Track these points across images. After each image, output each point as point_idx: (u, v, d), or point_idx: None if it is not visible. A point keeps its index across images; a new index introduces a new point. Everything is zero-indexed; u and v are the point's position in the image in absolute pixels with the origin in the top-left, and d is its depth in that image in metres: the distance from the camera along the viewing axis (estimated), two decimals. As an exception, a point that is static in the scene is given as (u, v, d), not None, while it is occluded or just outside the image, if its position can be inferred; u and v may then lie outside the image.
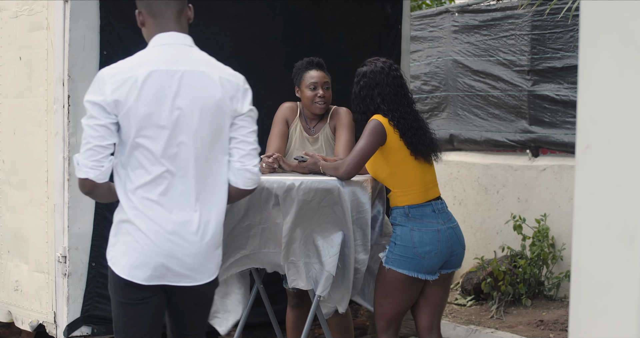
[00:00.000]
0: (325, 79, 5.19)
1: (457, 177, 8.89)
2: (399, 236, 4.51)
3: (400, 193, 4.55)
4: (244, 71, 5.97)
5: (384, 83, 4.62)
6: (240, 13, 6.02)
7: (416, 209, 4.53)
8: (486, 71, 8.62)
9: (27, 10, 5.71)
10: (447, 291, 4.76)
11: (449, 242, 4.55)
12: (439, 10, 9.39)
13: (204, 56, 3.67)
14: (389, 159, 4.53)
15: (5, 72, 5.93)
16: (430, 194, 4.61)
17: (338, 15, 6.45)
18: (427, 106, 9.41)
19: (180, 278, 3.54)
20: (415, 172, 4.56)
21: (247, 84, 3.73)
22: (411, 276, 4.50)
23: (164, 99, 3.47)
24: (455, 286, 8.42)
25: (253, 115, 3.66)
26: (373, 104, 4.61)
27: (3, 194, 5.96)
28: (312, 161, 4.69)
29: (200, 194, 3.53)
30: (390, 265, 4.51)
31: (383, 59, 4.78)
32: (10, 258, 5.91)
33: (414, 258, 4.47)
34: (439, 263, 4.55)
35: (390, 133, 4.50)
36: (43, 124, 5.55)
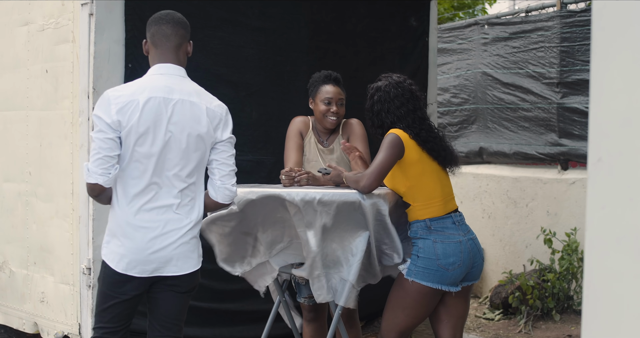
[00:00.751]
0: (341, 96, 5.16)
1: (487, 190, 8.84)
2: (422, 249, 4.48)
3: (420, 206, 4.54)
4: (269, 83, 6.05)
5: (400, 96, 4.62)
6: (265, 26, 6.04)
7: (437, 222, 4.51)
8: (515, 83, 8.58)
9: (53, 24, 5.76)
10: (468, 303, 4.72)
11: (470, 253, 4.53)
12: (468, 23, 9.36)
13: (194, 86, 4.10)
14: (408, 173, 4.51)
15: (32, 85, 5.98)
16: (449, 206, 4.60)
17: (360, 28, 6.45)
18: (457, 119, 9.38)
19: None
20: (435, 185, 4.55)
21: (229, 114, 4.17)
22: (435, 289, 4.47)
23: (160, 123, 3.93)
24: (484, 300, 8.36)
25: (232, 141, 4.16)
26: (389, 117, 4.59)
27: (30, 207, 6.00)
28: (336, 173, 4.68)
29: (181, 204, 4.02)
30: (414, 278, 4.48)
31: (397, 74, 4.77)
32: (36, 270, 5.94)
33: (437, 270, 4.45)
34: (462, 274, 4.52)
35: (408, 146, 4.49)
36: (69, 137, 5.58)
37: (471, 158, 9.24)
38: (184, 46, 4.11)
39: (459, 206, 9.05)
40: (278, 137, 5.54)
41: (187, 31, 4.12)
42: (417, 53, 6.84)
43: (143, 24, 5.49)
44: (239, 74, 5.95)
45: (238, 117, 5.93)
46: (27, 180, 6.02)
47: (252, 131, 6.03)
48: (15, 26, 6.20)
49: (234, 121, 5.87)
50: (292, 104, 6.04)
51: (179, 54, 4.09)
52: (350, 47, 6.45)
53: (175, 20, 4.10)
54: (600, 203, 2.32)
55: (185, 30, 4.11)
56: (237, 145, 5.86)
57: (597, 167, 2.32)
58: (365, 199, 4.42)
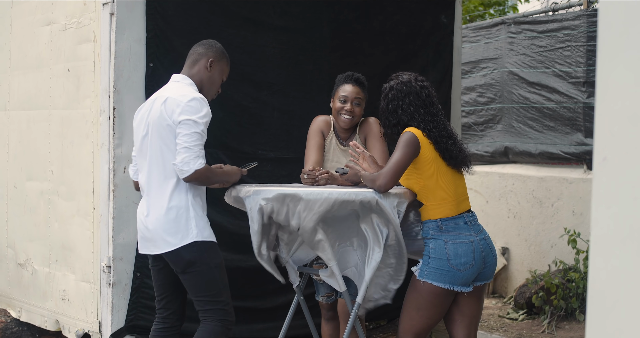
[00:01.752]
0: (358, 96, 5.11)
1: (512, 190, 8.79)
2: (433, 250, 4.47)
3: (433, 206, 4.52)
4: (291, 82, 6.05)
5: (413, 93, 4.59)
6: (287, 25, 6.03)
7: (449, 222, 4.49)
8: (541, 82, 8.53)
9: (75, 23, 5.79)
10: (481, 303, 4.69)
11: (482, 253, 4.50)
12: (495, 22, 9.31)
13: (179, 86, 4.62)
14: (422, 172, 4.49)
15: (54, 85, 6.01)
16: (462, 207, 4.57)
17: (389, 25, 6.42)
18: (482, 118, 9.34)
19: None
20: (449, 184, 4.53)
21: (194, 102, 4.45)
22: (446, 289, 4.45)
23: (142, 119, 4.65)
24: (508, 300, 8.31)
25: (190, 123, 4.42)
26: (405, 114, 4.57)
27: (52, 205, 6.03)
28: (353, 173, 4.67)
29: (151, 189, 4.57)
30: (425, 278, 4.46)
31: (407, 72, 4.75)
32: (58, 268, 5.98)
33: (449, 270, 4.43)
34: (474, 274, 4.50)
35: (424, 145, 4.47)
36: (90, 136, 5.61)
37: (497, 157, 9.20)
38: (200, 62, 4.70)
39: (485, 206, 9.02)
40: (300, 136, 5.53)
41: (206, 49, 4.70)
42: (442, 51, 6.81)
43: (165, 24, 5.54)
44: (261, 73, 5.94)
45: (260, 117, 5.96)
46: (50, 179, 6.05)
47: (273, 129, 6.03)
48: (38, 26, 6.24)
49: (256, 119, 5.92)
50: (315, 103, 6.03)
51: (192, 67, 4.71)
52: (379, 46, 6.42)
53: (200, 43, 4.75)
54: (605, 202, 2.30)
55: (205, 49, 4.71)
56: (259, 144, 5.93)
57: (602, 166, 2.30)
58: (382, 198, 4.41)
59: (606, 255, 2.31)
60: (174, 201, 4.48)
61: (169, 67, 5.54)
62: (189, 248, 4.45)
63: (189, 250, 4.45)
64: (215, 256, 4.52)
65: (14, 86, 6.55)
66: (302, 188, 4.52)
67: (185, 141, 4.41)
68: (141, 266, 5.43)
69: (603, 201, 2.32)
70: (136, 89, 5.46)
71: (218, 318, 4.52)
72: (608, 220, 2.30)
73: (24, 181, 6.38)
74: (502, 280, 8.75)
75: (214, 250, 4.52)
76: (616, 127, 2.29)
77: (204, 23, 5.65)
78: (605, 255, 2.31)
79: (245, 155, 5.73)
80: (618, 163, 2.27)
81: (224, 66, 4.73)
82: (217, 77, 4.72)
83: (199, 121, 4.42)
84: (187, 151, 4.40)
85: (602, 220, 2.32)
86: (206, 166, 4.41)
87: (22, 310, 6.40)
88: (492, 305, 8.31)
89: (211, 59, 4.68)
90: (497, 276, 8.70)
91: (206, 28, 5.60)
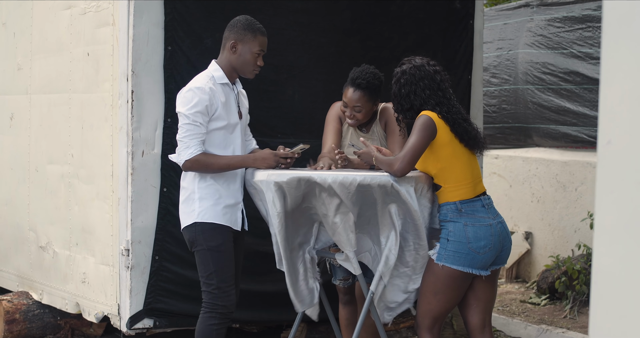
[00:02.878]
0: (357, 103, 4.99)
1: (536, 174, 8.73)
2: (452, 232, 4.45)
3: (451, 188, 4.50)
4: (313, 65, 6.02)
5: (427, 77, 4.57)
6: (307, 7, 6.00)
7: (467, 205, 4.48)
8: (559, 63, 8.43)
9: (94, 7, 5.80)
10: (495, 287, 4.69)
11: (500, 237, 4.50)
12: (519, 4, 9.23)
13: (199, 75, 4.80)
14: (439, 154, 4.48)
15: (74, 68, 6.03)
16: (478, 189, 4.58)
17: (406, 9, 6.38)
18: (495, 99, 9.24)
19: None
20: (465, 166, 4.53)
21: (184, 93, 4.69)
22: (465, 272, 4.44)
23: None
24: (531, 284, 8.27)
25: (180, 116, 4.67)
26: (418, 99, 4.55)
27: (72, 188, 6.06)
28: (367, 151, 4.63)
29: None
30: (444, 262, 4.45)
31: (420, 56, 4.71)
32: (78, 251, 6.01)
33: (468, 253, 4.41)
34: (492, 258, 4.49)
35: (440, 127, 4.45)
36: (109, 119, 5.63)
37: (520, 140, 9.13)
38: (226, 45, 4.79)
39: (509, 190, 8.97)
40: (322, 119, 5.49)
41: (229, 32, 4.80)
42: (458, 36, 6.75)
43: (182, 7, 5.53)
44: (279, 56, 5.91)
45: (279, 100, 5.94)
46: (70, 162, 6.08)
47: (294, 113, 6.01)
48: (59, 10, 6.25)
49: (276, 103, 5.91)
50: (338, 86, 5.96)
51: (222, 53, 4.83)
52: (397, 29, 6.38)
53: (227, 26, 4.87)
54: (609, 186, 2.27)
55: (228, 32, 4.81)
56: (279, 128, 5.91)
57: (606, 149, 2.27)
58: (398, 182, 4.39)
59: (609, 240, 2.29)
60: (184, 183, 4.79)
61: (187, 51, 5.55)
62: (190, 228, 4.71)
63: (190, 229, 4.72)
64: (212, 239, 4.67)
65: (35, 70, 6.58)
66: (317, 172, 4.51)
67: (178, 133, 4.69)
68: (159, 250, 5.45)
69: (607, 186, 2.29)
70: (154, 72, 5.46)
71: (206, 301, 4.69)
72: (611, 205, 2.27)
73: (45, 164, 6.42)
74: (525, 265, 8.70)
75: (212, 233, 4.67)
76: (621, 110, 2.25)
77: (222, 6, 5.63)
78: (609, 240, 2.29)
79: (264, 140, 5.72)
80: (622, 146, 2.24)
81: (250, 41, 4.76)
82: (247, 55, 4.77)
83: (186, 113, 4.61)
84: (179, 143, 4.68)
85: (605, 204, 2.29)
86: (197, 156, 4.60)
87: (43, 292, 6.44)
88: (514, 290, 8.27)
89: (232, 41, 4.76)
90: (520, 261, 8.66)
91: (223, 11, 5.58)
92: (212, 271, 4.66)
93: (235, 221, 4.77)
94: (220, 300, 4.65)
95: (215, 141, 4.71)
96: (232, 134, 4.77)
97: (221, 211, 4.69)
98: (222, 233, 4.68)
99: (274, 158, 4.70)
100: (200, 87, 4.65)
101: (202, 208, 4.67)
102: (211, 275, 4.67)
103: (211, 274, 4.67)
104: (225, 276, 4.67)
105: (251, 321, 6.04)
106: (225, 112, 4.71)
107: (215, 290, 4.66)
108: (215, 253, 4.66)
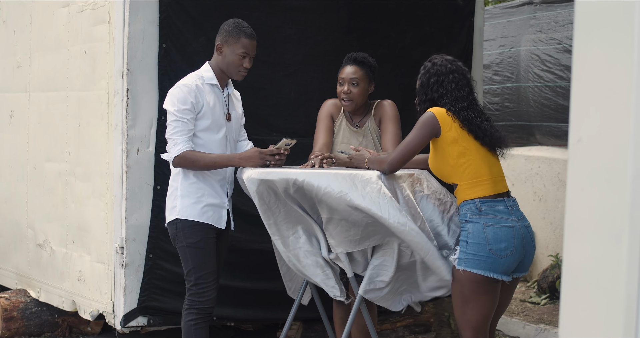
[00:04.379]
0: (354, 75, 5.03)
1: (538, 173, 8.69)
2: (471, 234, 4.20)
3: (468, 185, 4.27)
4: (309, 63, 6.00)
5: (459, 71, 4.44)
6: (304, 5, 5.98)
7: (488, 204, 4.23)
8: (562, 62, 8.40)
9: (91, 5, 5.80)
10: (512, 295, 4.48)
11: (523, 241, 4.22)
12: (523, 2, 9.20)
13: (191, 73, 4.87)
14: (449, 151, 4.30)
15: (72, 66, 6.03)
16: (500, 187, 4.31)
17: (404, 8, 6.35)
18: (497, 97, 9.20)
19: None
20: (481, 161, 4.29)
21: (174, 91, 4.74)
22: (487, 277, 4.16)
23: None
24: (532, 284, 8.24)
25: (168, 114, 4.72)
26: (441, 90, 4.38)
27: (69, 186, 6.07)
28: (359, 154, 4.60)
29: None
30: (464, 266, 4.19)
31: (448, 56, 4.64)
32: (74, 249, 6.01)
33: (489, 256, 4.15)
34: (515, 262, 4.22)
35: (446, 124, 4.28)
36: (105, 117, 5.63)
37: (523, 138, 9.10)
38: (216, 48, 4.86)
39: (511, 189, 8.89)
40: (318, 117, 5.50)
41: (217, 35, 4.85)
42: (463, 33, 6.73)
43: (178, 5, 5.52)
44: (275, 54, 5.90)
45: (275, 98, 5.93)
46: (67, 160, 6.08)
47: (290, 111, 6.00)
48: (57, 8, 6.26)
49: (272, 101, 5.90)
50: (334, 84, 5.94)
51: (214, 54, 4.89)
52: (395, 27, 6.35)
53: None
54: (579, 184, 2.26)
55: (217, 35, 4.86)
56: (275, 126, 5.89)
57: (577, 147, 2.26)
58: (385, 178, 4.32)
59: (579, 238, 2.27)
60: (170, 180, 4.87)
61: (182, 48, 5.55)
62: (172, 225, 4.80)
63: (172, 226, 4.80)
64: (191, 236, 4.73)
65: (34, 67, 6.59)
66: (304, 170, 4.49)
67: (167, 131, 4.75)
68: (154, 248, 5.45)
69: (577, 184, 2.28)
70: (149, 70, 5.46)
71: (187, 297, 4.75)
72: (581, 203, 2.26)
73: (43, 162, 6.42)
74: (526, 264, 8.67)
75: (192, 230, 4.73)
76: (591, 108, 2.24)
77: (218, 3, 5.63)
78: (579, 238, 2.28)
79: (260, 138, 5.70)
80: (592, 144, 2.23)
81: (233, 43, 4.80)
82: (231, 57, 4.80)
83: (171, 110, 4.69)
84: (168, 140, 4.74)
85: (576, 202, 2.28)
86: (184, 152, 4.65)
87: (41, 290, 6.45)
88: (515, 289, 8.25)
89: (218, 43, 4.84)
90: (522, 260, 8.63)
91: (219, 8, 5.58)
92: (190, 268, 4.72)
93: (219, 220, 4.80)
94: (198, 296, 4.69)
95: (199, 140, 4.75)
96: (216, 134, 4.79)
97: (202, 210, 4.74)
98: (202, 230, 4.73)
99: (259, 156, 4.69)
100: (187, 84, 4.71)
101: (183, 205, 4.74)
102: (190, 272, 4.73)
103: (190, 270, 4.73)
104: (203, 273, 4.71)
105: (247, 319, 6.04)
106: (210, 112, 4.74)
107: (193, 287, 4.71)
108: (194, 250, 4.71)
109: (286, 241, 4.69)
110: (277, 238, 4.69)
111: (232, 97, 4.98)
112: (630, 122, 2.10)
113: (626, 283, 2.11)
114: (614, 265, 2.15)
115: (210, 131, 4.76)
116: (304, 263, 4.68)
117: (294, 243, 4.68)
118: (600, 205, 2.19)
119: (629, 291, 2.10)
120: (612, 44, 2.18)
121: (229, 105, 4.91)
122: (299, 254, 4.68)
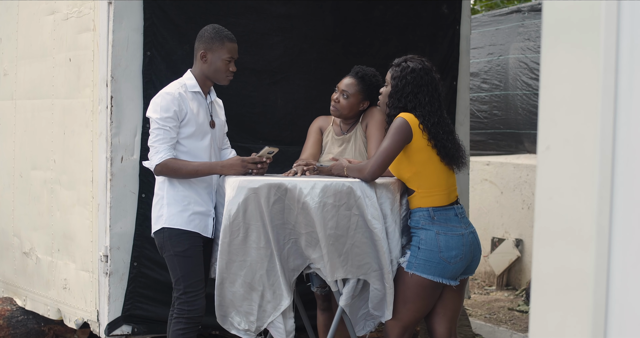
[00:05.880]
0: (346, 88, 5.07)
1: (527, 181, 8.70)
2: (424, 241, 4.39)
3: (424, 193, 4.45)
4: (295, 71, 6.00)
5: (433, 84, 4.52)
6: (290, 13, 5.98)
7: (441, 213, 4.42)
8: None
9: (76, 12, 5.79)
10: (462, 297, 4.65)
11: (471, 247, 4.45)
12: (511, 10, 9.23)
13: (173, 81, 4.89)
14: (414, 159, 4.42)
15: (57, 74, 6.03)
16: (452, 197, 4.52)
17: (389, 15, 6.36)
18: (486, 105, 9.21)
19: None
20: (441, 173, 4.47)
21: (156, 99, 4.76)
22: (435, 282, 4.39)
23: None
24: (520, 292, 8.24)
25: (151, 121, 4.74)
26: (415, 101, 4.46)
27: (54, 194, 6.05)
28: (338, 163, 4.62)
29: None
30: (414, 270, 4.39)
31: (425, 59, 4.67)
32: (60, 257, 6.00)
33: (439, 262, 4.36)
34: (462, 268, 4.45)
35: (417, 132, 4.39)
36: (89, 125, 5.62)
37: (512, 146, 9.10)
38: (197, 55, 4.87)
39: (500, 197, 8.93)
40: (304, 125, 5.51)
41: (198, 42, 4.88)
42: (447, 42, 6.73)
43: (162, 12, 5.52)
44: (263, 61, 5.90)
45: (262, 106, 5.93)
46: (52, 168, 6.07)
47: (277, 119, 5.99)
48: (42, 15, 6.25)
49: (258, 109, 5.89)
50: (319, 92, 5.97)
51: (195, 62, 4.90)
52: (379, 35, 6.36)
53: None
54: (547, 192, 2.26)
55: (197, 42, 4.89)
56: (262, 133, 5.89)
57: (545, 155, 2.26)
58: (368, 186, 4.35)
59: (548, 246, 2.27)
60: (156, 188, 4.87)
61: (166, 56, 5.54)
62: (159, 234, 4.79)
63: (158, 235, 4.79)
64: (179, 245, 4.69)
65: (20, 75, 6.58)
66: (288, 178, 4.50)
67: (149, 139, 4.76)
68: (138, 256, 5.43)
69: (546, 192, 2.28)
70: (134, 78, 5.46)
71: (176, 306, 4.73)
72: (550, 211, 2.26)
73: (29, 170, 6.41)
74: (515, 272, 8.66)
75: (179, 239, 4.70)
76: (559, 115, 2.24)
77: (202, 10, 5.63)
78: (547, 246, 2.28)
79: (246, 146, 5.70)
80: (560, 152, 2.23)
81: (218, 49, 4.82)
82: (217, 63, 4.83)
83: (154, 118, 4.70)
84: (150, 148, 4.75)
85: (544, 210, 2.28)
86: (166, 160, 4.65)
87: (27, 298, 6.43)
88: (503, 298, 8.24)
89: (201, 51, 4.84)
90: (510, 269, 8.63)
91: (204, 15, 5.58)
92: (179, 277, 4.70)
93: (205, 228, 4.79)
94: (187, 305, 4.67)
95: (183, 148, 4.74)
96: (201, 141, 4.79)
97: (189, 218, 4.73)
98: (189, 239, 4.71)
99: (242, 164, 4.70)
100: (170, 92, 4.72)
101: (170, 213, 4.73)
102: (179, 280, 4.71)
103: (178, 279, 4.71)
104: (192, 282, 4.69)
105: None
106: (194, 119, 4.74)
107: (183, 295, 4.68)
108: (182, 259, 4.69)
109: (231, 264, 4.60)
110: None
111: (215, 105, 4.99)
112: (597, 129, 2.10)
113: (594, 290, 2.11)
114: (581, 272, 2.15)
115: (195, 138, 4.77)
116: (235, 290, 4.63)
117: (237, 269, 4.61)
118: (568, 212, 2.19)
119: (596, 298, 2.10)
120: (580, 52, 2.18)
121: (212, 112, 4.92)
122: (235, 280, 4.61)
